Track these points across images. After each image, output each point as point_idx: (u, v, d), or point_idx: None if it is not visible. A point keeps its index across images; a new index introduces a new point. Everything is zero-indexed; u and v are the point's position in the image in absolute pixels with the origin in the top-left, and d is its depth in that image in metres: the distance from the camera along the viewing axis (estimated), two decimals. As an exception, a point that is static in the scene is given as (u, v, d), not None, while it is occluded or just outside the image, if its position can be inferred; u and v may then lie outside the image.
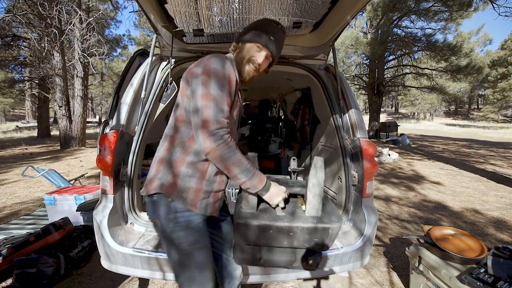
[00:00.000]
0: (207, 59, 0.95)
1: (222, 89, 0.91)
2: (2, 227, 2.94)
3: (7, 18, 7.70)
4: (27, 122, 25.94)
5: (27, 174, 3.46)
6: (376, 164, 1.73)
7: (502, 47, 31.80)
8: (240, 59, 1.07)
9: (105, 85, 23.59)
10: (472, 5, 9.51)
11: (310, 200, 1.01)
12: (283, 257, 1.04)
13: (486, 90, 35.70)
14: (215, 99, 0.89)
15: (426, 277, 1.70)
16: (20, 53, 11.54)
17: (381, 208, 3.70)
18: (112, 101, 1.90)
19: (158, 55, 1.99)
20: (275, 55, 1.10)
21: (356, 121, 1.82)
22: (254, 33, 1.06)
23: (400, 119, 36.37)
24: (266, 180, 0.99)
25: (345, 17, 1.44)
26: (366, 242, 1.59)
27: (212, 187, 1.02)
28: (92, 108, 39.49)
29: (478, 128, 25.81)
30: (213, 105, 0.89)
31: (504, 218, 3.41)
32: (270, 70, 1.18)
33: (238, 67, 1.06)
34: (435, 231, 1.86)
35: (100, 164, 1.52)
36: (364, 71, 14.13)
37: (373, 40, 11.86)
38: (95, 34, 8.73)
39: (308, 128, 2.81)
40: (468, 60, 11.60)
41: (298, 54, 1.96)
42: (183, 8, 1.38)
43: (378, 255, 2.48)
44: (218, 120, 0.88)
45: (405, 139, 11.30)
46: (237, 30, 1.63)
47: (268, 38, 1.05)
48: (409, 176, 5.69)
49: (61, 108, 9.26)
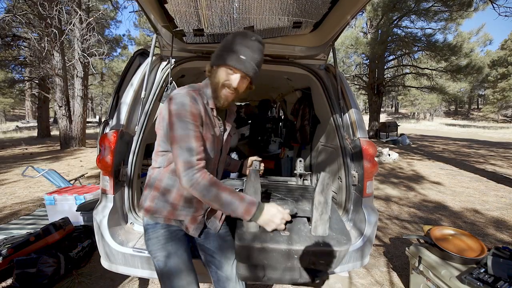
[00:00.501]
0: (170, 99, 0.97)
1: (185, 129, 0.92)
2: (2, 227, 2.94)
3: (7, 18, 7.70)
4: (27, 122, 25.95)
5: (27, 174, 3.46)
6: (376, 164, 1.73)
7: (502, 47, 31.80)
8: (215, 85, 1.02)
9: (105, 85, 23.60)
10: (472, 5, 9.52)
11: (316, 219, 0.94)
12: (286, 275, 0.97)
13: (486, 90, 35.71)
14: (180, 140, 0.92)
15: (426, 277, 1.70)
16: (20, 53, 11.54)
17: (381, 208, 3.70)
18: (112, 101, 1.90)
19: (158, 55, 1.99)
20: (252, 75, 1.00)
21: (356, 121, 1.82)
22: (223, 55, 0.98)
23: (400, 119, 36.37)
24: (254, 209, 0.91)
25: (345, 17, 1.44)
26: (366, 242, 1.59)
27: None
28: (92, 108, 39.50)
29: (478, 128, 25.81)
30: (179, 147, 0.92)
31: (504, 218, 3.41)
32: (253, 87, 1.10)
33: (214, 93, 1.03)
34: (435, 231, 1.86)
35: (100, 164, 1.51)
36: (364, 71, 14.13)
37: (373, 40, 11.86)
38: (95, 34, 8.73)
39: (308, 128, 2.81)
40: (468, 60, 11.60)
41: (298, 54, 1.96)
42: (183, 8, 1.38)
43: (378, 255, 2.48)
44: (185, 161, 0.91)
45: (405, 139, 11.30)
46: (237, 30, 1.63)
47: (238, 59, 0.96)
48: (409, 176, 5.69)
49: (61, 108, 9.26)
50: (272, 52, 1.95)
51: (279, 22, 1.56)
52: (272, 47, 1.89)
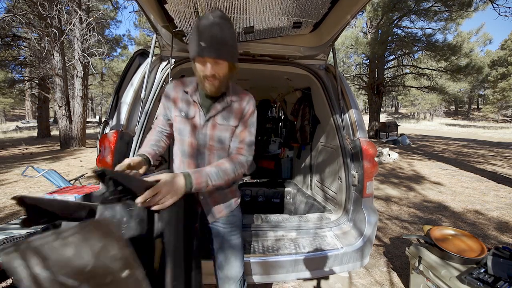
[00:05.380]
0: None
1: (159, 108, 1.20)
2: (2, 227, 2.93)
3: (7, 18, 7.70)
4: (27, 122, 25.95)
5: (27, 174, 3.46)
6: (376, 164, 1.73)
7: (502, 47, 31.78)
8: (197, 78, 1.04)
9: (105, 85, 23.61)
10: (472, 5, 9.52)
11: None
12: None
13: (486, 90, 35.70)
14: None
15: (426, 277, 1.70)
16: (20, 53, 11.55)
17: (381, 208, 3.70)
18: (112, 101, 1.90)
19: (158, 55, 1.99)
20: (220, 56, 0.94)
21: (356, 121, 1.82)
22: (190, 48, 0.97)
23: (400, 119, 36.36)
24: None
25: (345, 17, 1.44)
26: (366, 242, 1.59)
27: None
28: (92, 108, 39.49)
29: (478, 128, 25.81)
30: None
31: (504, 218, 3.41)
32: (236, 65, 1.04)
33: (200, 85, 1.05)
34: (435, 231, 1.86)
35: (100, 164, 1.52)
36: (364, 71, 14.13)
37: (373, 40, 11.86)
38: (95, 34, 8.72)
39: (308, 128, 2.81)
40: (468, 60, 11.60)
41: (298, 54, 1.95)
42: (183, 8, 1.38)
43: (378, 255, 2.48)
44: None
45: (405, 139, 11.30)
46: (237, 30, 1.63)
47: (199, 47, 0.91)
48: (409, 176, 5.69)
49: (61, 108, 9.26)
50: (272, 52, 1.95)
51: (279, 22, 1.56)
52: (272, 47, 1.89)
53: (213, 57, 0.94)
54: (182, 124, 1.10)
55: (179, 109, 1.11)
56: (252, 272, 1.44)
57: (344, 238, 1.65)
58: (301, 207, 2.58)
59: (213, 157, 1.11)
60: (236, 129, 1.13)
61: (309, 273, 1.50)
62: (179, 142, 1.14)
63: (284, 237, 1.68)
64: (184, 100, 1.11)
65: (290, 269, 1.47)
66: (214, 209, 1.16)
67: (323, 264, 1.51)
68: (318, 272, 1.53)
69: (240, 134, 1.13)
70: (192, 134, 1.10)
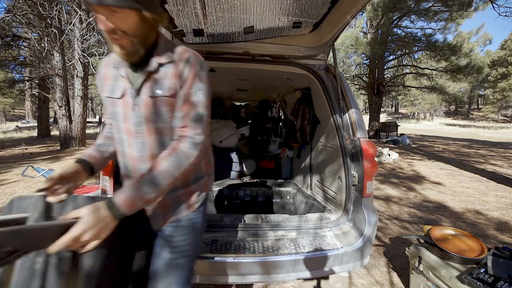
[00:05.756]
0: None
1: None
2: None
3: (7, 18, 7.70)
4: (27, 122, 25.96)
5: (27, 174, 3.46)
6: (376, 164, 1.73)
7: (502, 47, 31.78)
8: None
9: (105, 85, 23.54)
10: (472, 5, 9.52)
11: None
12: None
13: (486, 90, 35.70)
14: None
15: (426, 277, 1.70)
16: (20, 53, 11.54)
17: (381, 208, 3.70)
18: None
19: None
20: (117, 2, 0.71)
21: (356, 121, 1.82)
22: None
23: (400, 119, 36.36)
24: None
25: (345, 17, 1.44)
26: (366, 242, 1.59)
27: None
28: (92, 108, 39.50)
29: (478, 128, 25.81)
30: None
31: (504, 218, 3.41)
32: (145, 13, 0.78)
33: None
34: (435, 231, 1.86)
35: (100, 164, 1.51)
36: (364, 71, 14.13)
37: (373, 40, 11.86)
38: (95, 34, 8.71)
39: (308, 128, 2.81)
40: (468, 60, 11.60)
41: (298, 54, 1.96)
42: (183, 8, 1.38)
43: (378, 255, 2.48)
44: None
45: (405, 139, 11.30)
46: (237, 30, 1.63)
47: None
48: (409, 176, 5.68)
49: (61, 108, 9.26)
50: (272, 52, 1.95)
51: (279, 22, 1.56)
52: (272, 47, 1.90)
53: (101, 4, 0.70)
54: (114, 107, 0.91)
55: (109, 89, 0.91)
56: (252, 272, 1.44)
57: (344, 238, 1.65)
58: (301, 207, 2.58)
59: (156, 143, 0.89)
60: (176, 101, 0.86)
61: (309, 273, 1.50)
62: (116, 129, 0.94)
63: (284, 237, 1.68)
64: (113, 77, 0.91)
65: (290, 269, 1.47)
66: (159, 213, 0.95)
67: (323, 264, 1.51)
68: (318, 272, 1.53)
69: (182, 108, 0.85)
70: (126, 117, 0.89)
